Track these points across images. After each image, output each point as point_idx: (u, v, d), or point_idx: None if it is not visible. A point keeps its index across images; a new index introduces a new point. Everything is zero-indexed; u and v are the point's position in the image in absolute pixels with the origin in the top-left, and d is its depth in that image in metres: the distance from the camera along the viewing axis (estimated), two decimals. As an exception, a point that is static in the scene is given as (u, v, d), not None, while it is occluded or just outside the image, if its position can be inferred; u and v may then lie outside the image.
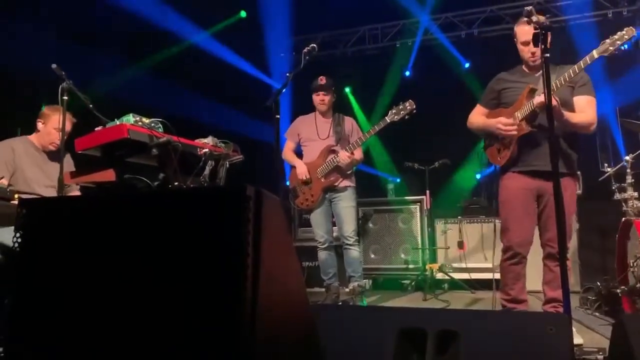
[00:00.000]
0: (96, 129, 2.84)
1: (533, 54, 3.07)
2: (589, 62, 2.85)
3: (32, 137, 3.53)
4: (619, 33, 2.83)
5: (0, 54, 4.33)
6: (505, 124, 3.06)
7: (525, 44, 3.08)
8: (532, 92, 3.03)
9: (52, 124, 3.44)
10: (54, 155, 3.52)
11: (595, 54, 2.84)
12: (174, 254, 1.29)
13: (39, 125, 3.49)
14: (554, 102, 2.77)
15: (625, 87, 5.70)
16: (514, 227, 3.09)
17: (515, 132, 3.04)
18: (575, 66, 2.86)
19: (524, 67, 3.24)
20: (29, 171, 3.40)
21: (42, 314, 1.38)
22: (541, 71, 3.00)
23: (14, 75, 4.51)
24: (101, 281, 1.35)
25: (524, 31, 3.06)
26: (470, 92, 5.88)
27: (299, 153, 4.62)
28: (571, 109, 3.04)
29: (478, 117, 3.34)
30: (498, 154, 3.20)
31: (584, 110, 3.04)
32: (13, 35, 4.46)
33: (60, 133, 3.38)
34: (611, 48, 2.82)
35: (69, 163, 3.62)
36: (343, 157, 4.23)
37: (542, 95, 2.81)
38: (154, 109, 3.25)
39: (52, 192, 3.45)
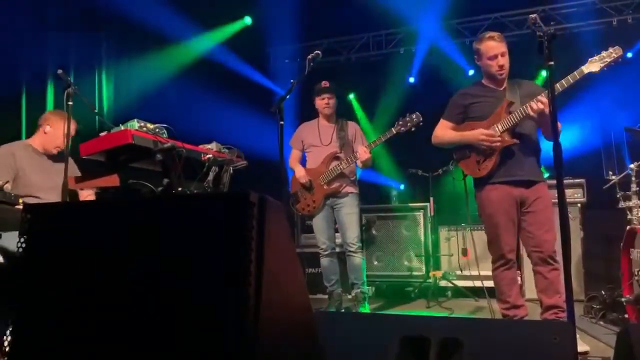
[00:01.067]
0: (101, 134, 2.86)
1: (501, 67, 3.22)
2: (578, 77, 3.01)
3: (33, 141, 3.53)
4: (606, 52, 3.01)
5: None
6: (488, 134, 3.15)
7: (493, 58, 3.21)
8: (510, 106, 3.17)
9: (62, 130, 3.43)
10: (56, 159, 3.53)
11: (584, 69, 3.01)
12: (177, 259, 1.29)
13: (46, 128, 3.49)
14: (548, 109, 2.84)
15: (632, 97, 5.69)
16: (504, 235, 3.16)
17: (499, 143, 3.14)
18: (563, 80, 3.00)
19: (484, 81, 3.35)
20: (31, 175, 3.40)
21: (46, 318, 1.38)
22: (505, 85, 3.29)
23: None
24: (105, 286, 1.35)
25: (489, 47, 3.22)
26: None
27: (302, 160, 4.62)
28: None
29: (447, 131, 3.40)
30: (477, 166, 3.25)
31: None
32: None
33: (67, 142, 3.41)
34: (600, 65, 2.99)
35: (73, 167, 3.63)
36: (362, 152, 4.23)
37: (537, 103, 2.99)
38: (159, 114, 3.26)
39: (55, 195, 3.46)
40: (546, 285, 3.05)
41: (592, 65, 3.00)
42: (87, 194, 3.49)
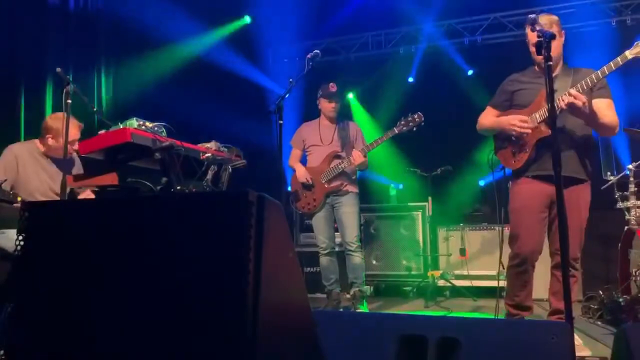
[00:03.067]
0: (99, 132, 2.86)
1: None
2: (620, 63, 2.79)
3: (40, 144, 3.48)
4: None
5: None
6: (521, 120, 3.00)
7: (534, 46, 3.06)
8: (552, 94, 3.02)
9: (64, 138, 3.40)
10: (56, 159, 3.52)
11: (627, 54, 2.77)
12: (176, 258, 1.29)
13: (50, 141, 3.39)
14: (582, 101, 2.75)
15: (630, 96, 5.69)
16: (526, 235, 3.02)
17: (529, 130, 2.98)
18: (605, 67, 2.81)
19: (536, 67, 3.18)
20: (33, 176, 3.38)
21: (44, 317, 1.38)
22: (556, 72, 3.03)
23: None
24: (103, 285, 1.35)
25: (530, 35, 3.01)
26: (474, 99, 5.88)
27: (303, 160, 4.63)
28: None
29: (489, 117, 3.27)
30: (513, 157, 3.11)
31: (606, 112, 2.96)
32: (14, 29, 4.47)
33: (74, 144, 3.32)
34: None
35: (78, 166, 3.62)
36: (356, 155, 4.23)
37: (568, 96, 2.79)
38: (158, 113, 3.26)
39: (53, 196, 3.45)
40: (559, 289, 2.96)
41: (637, 50, 2.73)
42: (85, 195, 3.48)
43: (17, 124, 4.45)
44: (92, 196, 3.46)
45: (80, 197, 3.51)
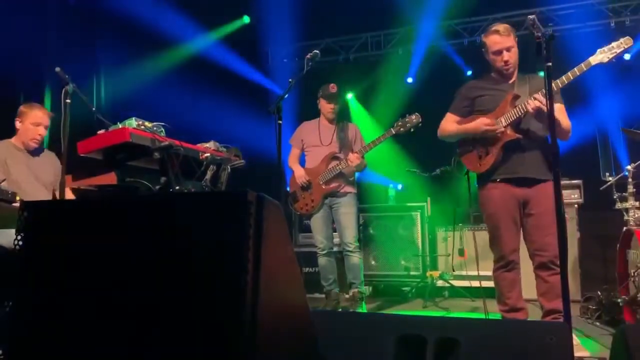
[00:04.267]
0: (98, 132, 2.85)
1: (506, 62, 3.12)
2: (584, 69, 2.90)
3: (14, 139, 3.54)
4: (615, 42, 2.88)
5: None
6: (489, 123, 3.06)
7: (497, 53, 3.12)
8: (516, 99, 3.07)
9: (30, 120, 3.48)
10: (37, 153, 3.56)
11: (591, 61, 2.90)
12: (175, 258, 1.29)
13: (17, 124, 3.51)
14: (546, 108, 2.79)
15: (628, 97, 5.70)
16: (506, 236, 3.08)
17: (502, 129, 3.04)
18: (570, 73, 2.89)
19: (493, 74, 3.25)
20: (15, 172, 3.40)
21: (43, 316, 1.38)
22: (513, 79, 3.18)
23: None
24: (102, 284, 1.35)
25: (494, 41, 3.11)
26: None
27: (301, 160, 4.63)
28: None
29: (451, 123, 3.31)
30: (479, 161, 3.16)
31: (561, 117, 3.03)
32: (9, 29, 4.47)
33: (39, 128, 3.49)
34: (609, 56, 2.88)
35: (56, 162, 3.62)
36: (353, 158, 4.23)
37: (534, 101, 2.90)
38: (157, 113, 3.26)
39: (41, 190, 3.46)
40: (547, 289, 3.00)
41: (601, 56, 2.88)
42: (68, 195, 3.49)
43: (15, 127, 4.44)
44: (72, 196, 3.46)
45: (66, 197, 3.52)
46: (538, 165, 3.06)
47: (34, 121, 3.47)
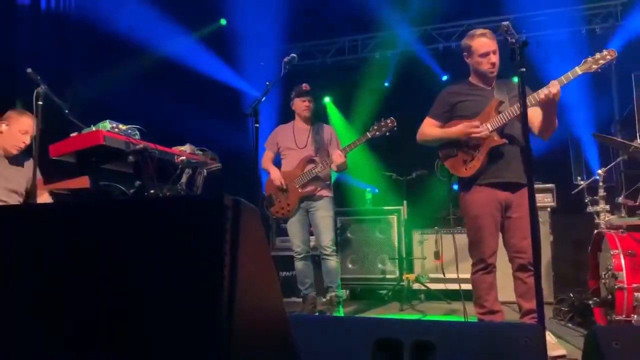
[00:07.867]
0: (71, 134, 2.80)
1: (493, 64, 3.15)
2: (571, 77, 2.94)
3: None
4: (600, 53, 2.95)
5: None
6: (474, 126, 3.08)
7: (485, 55, 3.15)
8: (500, 105, 3.12)
9: (18, 127, 3.36)
10: (15, 160, 3.44)
11: (578, 70, 2.94)
12: (148, 263, 1.27)
13: (3, 127, 3.38)
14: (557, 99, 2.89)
15: (599, 103, 5.85)
16: (488, 239, 3.11)
17: (488, 132, 3.07)
18: (557, 80, 2.92)
19: (472, 80, 3.28)
20: None
21: (10, 323, 1.34)
22: (493, 84, 3.22)
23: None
24: (67, 293, 1.32)
25: (482, 44, 3.14)
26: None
27: (277, 163, 4.60)
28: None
29: (433, 129, 3.32)
30: (464, 165, 3.18)
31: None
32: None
33: (26, 136, 3.37)
34: (594, 66, 2.94)
35: (29, 168, 3.53)
36: (336, 156, 4.23)
37: (556, 86, 2.88)
38: (131, 115, 3.21)
39: (14, 198, 3.37)
40: (525, 290, 3.05)
41: (587, 66, 2.94)
42: (44, 199, 3.40)
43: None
44: (50, 200, 3.39)
45: (39, 200, 3.44)
46: (521, 170, 3.10)
47: (22, 128, 3.34)
